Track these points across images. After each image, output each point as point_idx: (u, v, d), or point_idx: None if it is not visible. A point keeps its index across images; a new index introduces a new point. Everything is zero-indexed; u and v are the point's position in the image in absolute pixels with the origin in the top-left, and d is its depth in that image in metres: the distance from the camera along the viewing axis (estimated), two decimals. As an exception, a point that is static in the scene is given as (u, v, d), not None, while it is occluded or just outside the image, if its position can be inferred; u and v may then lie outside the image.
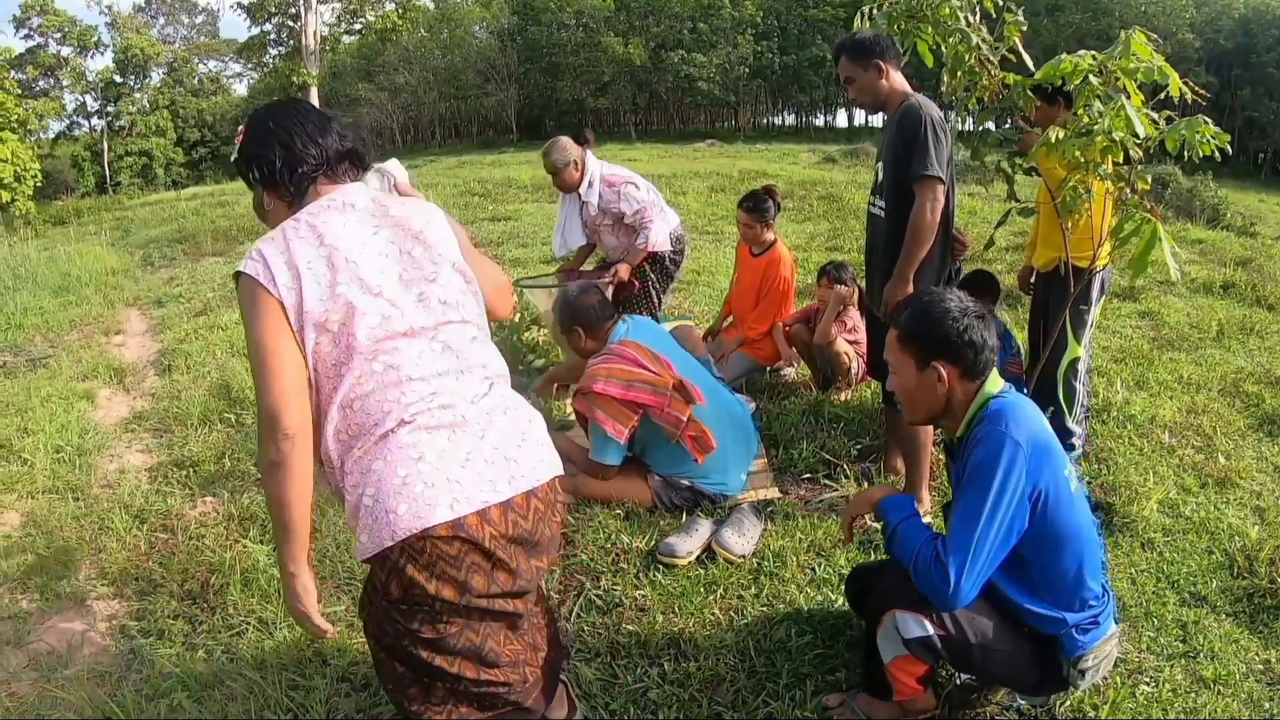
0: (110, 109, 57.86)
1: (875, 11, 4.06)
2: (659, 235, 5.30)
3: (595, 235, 5.54)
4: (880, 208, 3.94)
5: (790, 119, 63.85)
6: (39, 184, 25.41)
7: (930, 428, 3.73)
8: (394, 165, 2.73)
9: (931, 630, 2.41)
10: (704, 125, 57.83)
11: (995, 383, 2.49)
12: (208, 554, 4.07)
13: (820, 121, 62.01)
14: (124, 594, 3.95)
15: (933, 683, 2.66)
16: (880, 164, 4.00)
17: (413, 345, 2.03)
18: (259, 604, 3.61)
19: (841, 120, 61.15)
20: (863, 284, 4.66)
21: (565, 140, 5.32)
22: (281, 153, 2.11)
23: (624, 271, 5.33)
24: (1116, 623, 2.58)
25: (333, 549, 3.88)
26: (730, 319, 5.85)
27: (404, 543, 1.91)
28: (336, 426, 2.00)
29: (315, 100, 32.41)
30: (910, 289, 3.73)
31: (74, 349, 7.43)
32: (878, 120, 4.08)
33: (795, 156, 28.97)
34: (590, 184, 5.30)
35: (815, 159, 27.41)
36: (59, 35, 55.02)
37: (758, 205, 5.50)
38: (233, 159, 2.23)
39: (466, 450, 2.00)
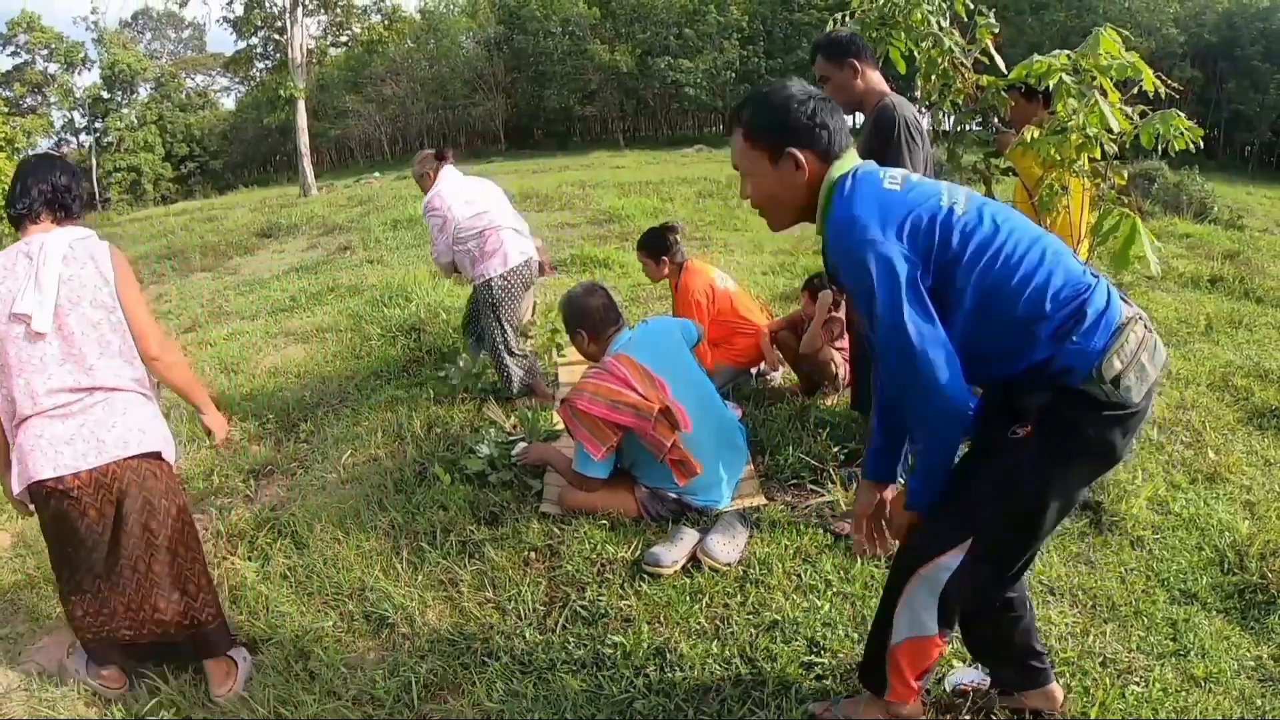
0: (98, 125, 57.89)
1: (848, 19, 4.06)
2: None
3: None
4: None
5: (778, 122, 64.04)
6: (28, 202, 25.28)
7: None
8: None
9: (961, 555, 2.28)
10: (692, 131, 57.82)
11: (842, 165, 2.35)
12: (195, 572, 4.06)
13: (808, 124, 62.15)
14: (111, 615, 3.95)
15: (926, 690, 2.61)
16: None
17: (46, 362, 2.94)
18: (247, 620, 3.61)
19: (829, 122, 61.28)
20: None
21: (425, 154, 5.86)
22: (9, 195, 3.05)
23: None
24: (1127, 305, 2.23)
25: (320, 565, 3.87)
26: None
27: (28, 488, 2.97)
28: (4, 412, 3.01)
29: (303, 113, 32.32)
30: None
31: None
32: (860, 120, 4.04)
33: (784, 159, 29.03)
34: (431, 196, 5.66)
35: (804, 161, 27.47)
36: (46, 52, 55.09)
37: (643, 243, 5.62)
38: None
39: (70, 432, 2.95)
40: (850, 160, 2.36)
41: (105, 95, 57.46)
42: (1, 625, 3.88)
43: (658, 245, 5.49)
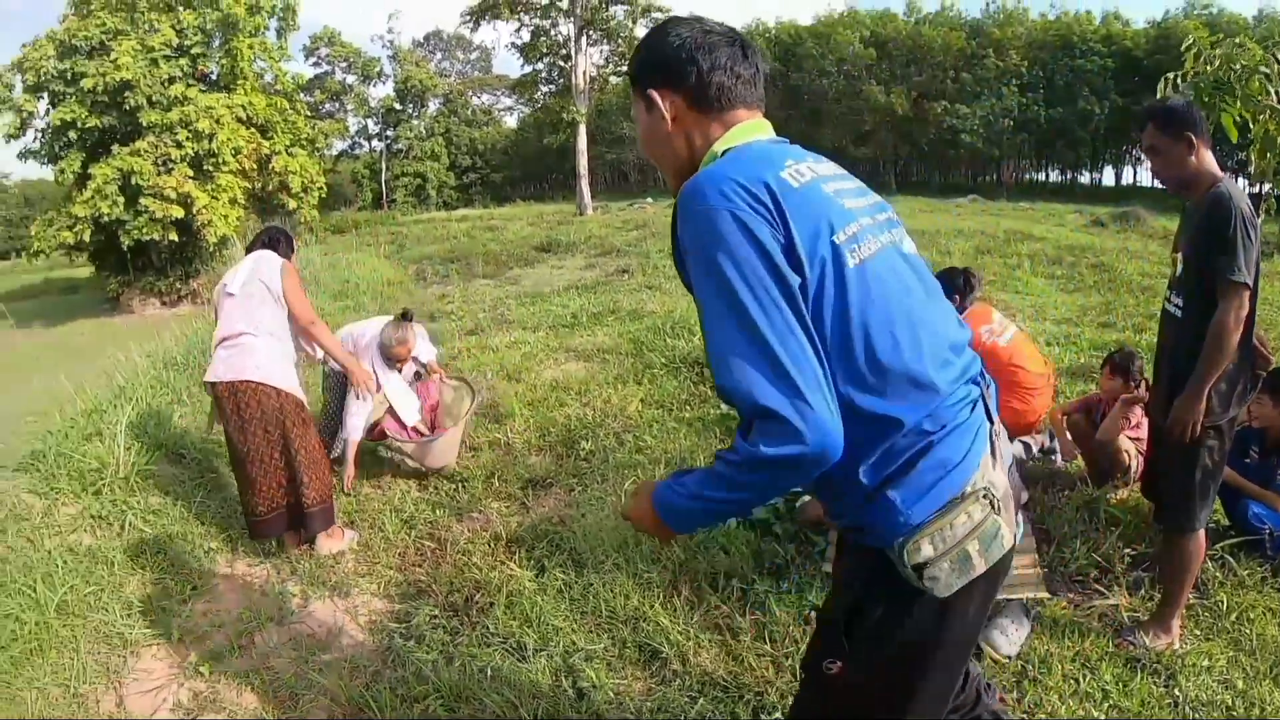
0: (389, 133, 63.07)
1: (1180, 82, 3.80)
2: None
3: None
4: (1178, 305, 3.46)
5: (1054, 175, 61.18)
6: (323, 196, 27.63)
7: (1201, 551, 3.46)
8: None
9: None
10: (964, 178, 56.29)
11: (741, 132, 1.82)
12: (474, 570, 4.29)
13: (1086, 179, 59.04)
14: (388, 594, 4.23)
15: None
16: (1179, 255, 3.49)
17: (231, 313, 4.55)
18: (520, 627, 3.74)
19: (1109, 179, 58.08)
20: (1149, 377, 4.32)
21: (404, 324, 5.63)
22: (249, 244, 5.02)
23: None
24: (992, 463, 1.75)
25: (598, 587, 3.99)
26: None
27: (207, 384, 4.62)
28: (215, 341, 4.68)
29: (583, 136, 33.67)
30: (1203, 406, 3.27)
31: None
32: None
33: (1061, 217, 27.65)
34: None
35: (1082, 221, 26.07)
36: (345, 65, 60.64)
37: (943, 276, 5.19)
38: None
39: (227, 357, 4.48)
40: (754, 130, 1.84)
41: (398, 107, 62.41)
42: (275, 583, 4.33)
43: (955, 283, 5.32)
